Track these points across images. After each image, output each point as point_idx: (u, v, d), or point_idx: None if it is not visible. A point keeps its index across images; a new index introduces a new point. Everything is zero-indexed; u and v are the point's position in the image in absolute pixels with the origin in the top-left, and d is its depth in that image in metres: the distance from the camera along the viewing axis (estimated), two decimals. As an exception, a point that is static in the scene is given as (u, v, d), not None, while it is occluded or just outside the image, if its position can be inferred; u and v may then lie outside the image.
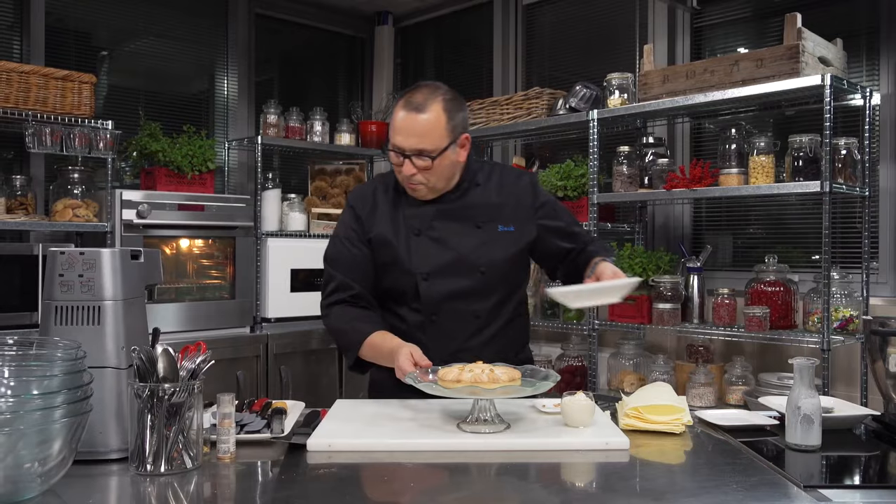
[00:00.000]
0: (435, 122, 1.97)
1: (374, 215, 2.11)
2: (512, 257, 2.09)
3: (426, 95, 1.99)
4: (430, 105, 1.97)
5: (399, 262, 2.06)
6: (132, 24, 4.13)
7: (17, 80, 3.15)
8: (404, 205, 2.10)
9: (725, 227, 3.66)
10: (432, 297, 2.04)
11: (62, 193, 3.40)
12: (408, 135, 1.97)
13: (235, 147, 4.32)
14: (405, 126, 1.97)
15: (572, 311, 3.54)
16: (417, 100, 1.98)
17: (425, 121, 1.96)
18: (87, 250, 1.57)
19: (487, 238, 2.07)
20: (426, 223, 2.07)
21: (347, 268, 2.10)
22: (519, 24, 4.42)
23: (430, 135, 1.97)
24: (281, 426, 1.66)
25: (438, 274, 2.04)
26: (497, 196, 2.12)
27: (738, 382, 3.06)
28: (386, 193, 2.14)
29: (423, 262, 2.05)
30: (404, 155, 1.98)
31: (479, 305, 2.05)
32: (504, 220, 2.11)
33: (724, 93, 2.97)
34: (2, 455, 1.24)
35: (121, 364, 1.56)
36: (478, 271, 2.05)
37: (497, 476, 1.51)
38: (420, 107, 1.97)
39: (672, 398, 1.79)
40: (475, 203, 2.10)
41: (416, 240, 2.06)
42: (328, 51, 4.99)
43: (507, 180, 2.16)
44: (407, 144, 1.97)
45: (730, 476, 1.44)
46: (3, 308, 3.04)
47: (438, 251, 2.05)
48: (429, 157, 1.97)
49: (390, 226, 2.09)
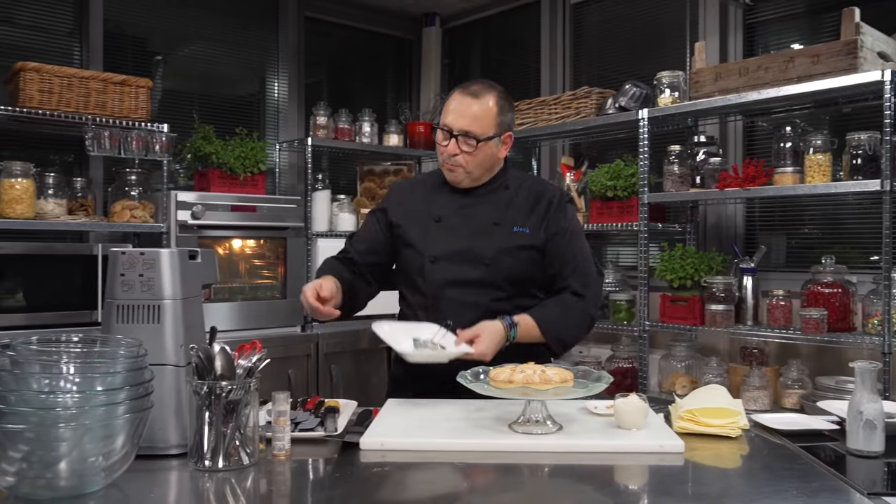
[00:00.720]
0: (487, 110, 2.09)
1: (403, 194, 2.27)
2: (519, 256, 2.12)
3: (483, 87, 2.12)
4: (485, 95, 2.10)
5: (413, 244, 2.16)
6: (186, 30, 4.22)
7: (77, 86, 3.25)
8: (437, 195, 2.21)
9: (779, 226, 3.58)
10: (435, 279, 2.11)
11: (120, 195, 3.49)
12: (459, 115, 2.08)
13: (286, 149, 4.38)
14: (459, 107, 2.09)
15: (622, 311, 3.50)
16: (474, 88, 2.11)
17: (478, 106, 2.08)
18: (147, 250, 1.61)
19: (500, 235, 2.12)
20: (448, 212, 2.17)
21: (358, 238, 2.29)
22: (567, 24, 4.40)
23: (480, 120, 2.08)
24: (334, 425, 1.68)
25: (445, 259, 2.12)
26: (523, 202, 2.17)
27: (793, 386, 3.00)
28: (424, 185, 2.28)
29: (434, 246, 2.13)
30: (452, 134, 2.08)
31: (480, 297, 2.09)
32: (521, 222, 2.15)
33: (779, 90, 2.91)
34: (68, 449, 1.28)
35: (179, 362, 1.59)
36: (482, 263, 2.10)
37: (549, 477, 1.50)
38: (476, 93, 2.10)
39: (728, 401, 1.76)
40: (499, 203, 2.17)
41: (435, 226, 2.16)
42: (376, 52, 5.03)
43: (536, 190, 2.20)
44: (457, 125, 2.08)
45: (789, 482, 1.41)
46: (64, 306, 3.14)
47: (451, 238, 2.13)
48: (475, 139, 2.07)
49: (419, 208, 2.21)
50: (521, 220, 2.15)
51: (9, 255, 3.02)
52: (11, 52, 3.58)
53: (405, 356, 1.90)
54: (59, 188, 3.29)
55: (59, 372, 1.33)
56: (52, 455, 1.28)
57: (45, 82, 3.17)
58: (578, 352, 3.91)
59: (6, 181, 3.08)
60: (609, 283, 3.62)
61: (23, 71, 3.13)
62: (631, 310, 3.50)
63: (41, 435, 1.27)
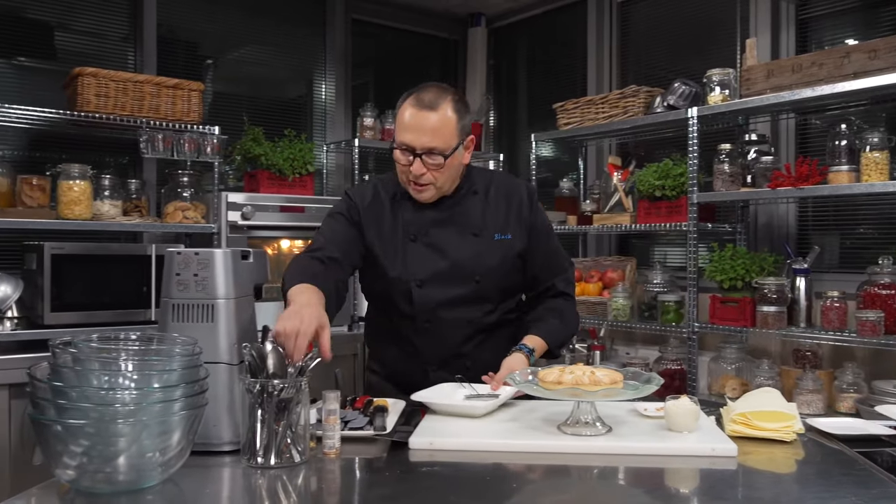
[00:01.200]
0: (446, 120, 1.94)
1: (371, 210, 2.06)
2: (506, 265, 2.08)
3: (436, 94, 1.95)
4: (441, 103, 1.94)
5: (392, 268, 2.04)
6: (235, 34, 4.29)
7: (132, 90, 3.33)
8: (401, 210, 2.08)
9: (833, 226, 3.50)
10: (426, 304, 2.03)
11: (172, 196, 3.57)
12: (419, 132, 1.92)
13: (333, 150, 4.43)
14: (416, 123, 1.93)
15: (671, 312, 3.46)
16: (428, 98, 1.94)
17: (437, 118, 1.93)
18: (202, 251, 1.64)
19: (483, 246, 2.05)
20: (423, 229, 2.05)
21: (329, 236, 2.05)
22: (614, 22, 4.36)
23: (442, 133, 1.93)
24: (383, 423, 1.69)
25: (432, 281, 2.03)
26: (495, 204, 2.10)
27: (849, 390, 2.93)
28: (386, 195, 2.10)
29: (418, 269, 2.03)
30: (414, 154, 1.94)
31: (473, 313, 2.04)
32: (500, 228, 2.08)
33: (834, 87, 2.85)
34: (126, 444, 1.32)
35: (233, 360, 1.62)
36: (473, 280, 2.04)
37: (598, 479, 1.49)
38: (431, 104, 1.93)
39: (782, 404, 1.72)
40: (472, 210, 2.08)
41: (411, 246, 2.05)
42: (422, 53, 5.05)
43: (505, 189, 2.13)
44: (418, 143, 1.93)
45: (847, 488, 1.38)
46: (119, 305, 3.22)
47: (434, 258, 2.04)
48: (441, 155, 1.94)
49: (387, 228, 2.07)
50: (501, 227, 2.08)
51: (67, 255, 3.11)
52: (69, 57, 3.69)
53: (477, 410, 1.78)
54: (115, 190, 3.37)
55: (117, 369, 1.36)
56: (112, 450, 1.31)
57: (101, 87, 3.25)
58: (626, 353, 3.87)
59: (65, 183, 3.17)
60: (657, 284, 3.58)
61: (80, 76, 3.22)
62: (679, 311, 3.45)
63: (101, 430, 1.30)
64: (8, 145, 3.54)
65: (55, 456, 1.32)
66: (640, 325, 3.56)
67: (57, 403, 1.31)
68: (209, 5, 4.16)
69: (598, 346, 3.65)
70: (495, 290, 2.08)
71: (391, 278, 2.05)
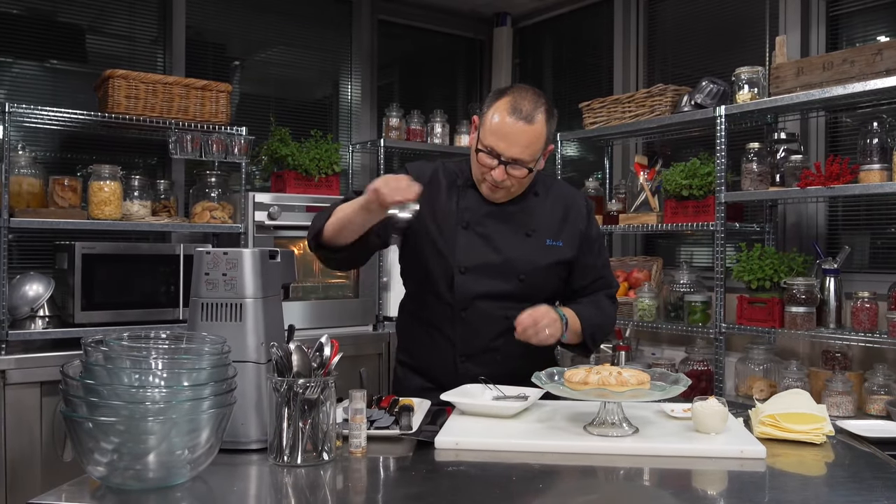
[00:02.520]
0: (540, 133, 1.94)
1: (427, 189, 1.98)
2: (553, 271, 2.09)
3: (533, 103, 1.93)
4: (537, 115, 1.93)
5: (439, 251, 2.04)
6: (262, 36, 4.33)
7: (161, 91, 3.37)
8: (459, 196, 2.08)
9: (864, 226, 3.45)
10: (466, 292, 2.02)
11: (200, 196, 3.60)
12: (512, 143, 1.92)
13: (359, 150, 4.44)
14: (511, 133, 1.91)
15: (697, 313, 3.43)
16: (526, 108, 1.92)
17: (532, 132, 1.92)
18: (230, 250, 1.65)
19: (534, 248, 2.06)
20: (477, 218, 2.05)
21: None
22: (641, 20, 4.33)
23: (533, 146, 1.94)
24: (409, 423, 1.69)
25: (477, 271, 2.02)
26: (552, 210, 2.10)
27: (879, 392, 2.88)
28: (445, 179, 2.10)
29: (465, 256, 2.03)
30: (500, 160, 1.94)
31: (511, 310, 2.02)
32: (553, 234, 2.09)
33: (866, 84, 2.80)
34: (156, 442, 1.34)
35: (260, 359, 1.63)
36: (517, 278, 2.04)
37: (625, 481, 1.48)
38: (529, 116, 1.92)
39: (811, 406, 1.70)
40: (530, 212, 2.09)
41: (463, 232, 2.04)
42: (447, 53, 5.05)
43: (565, 198, 2.14)
44: (509, 152, 1.92)
45: (880, 491, 1.36)
46: (148, 304, 3.26)
47: (483, 248, 2.03)
48: (525, 167, 1.94)
49: (440, 210, 2.05)
50: (554, 233, 2.08)
51: (98, 254, 3.15)
52: (100, 60, 3.75)
53: (508, 411, 1.79)
54: (144, 190, 3.42)
55: (148, 367, 1.38)
56: (142, 447, 1.33)
57: (131, 88, 3.29)
58: (651, 354, 3.85)
59: (95, 184, 3.22)
60: (683, 284, 3.55)
61: (111, 78, 3.26)
62: (706, 311, 3.42)
63: (131, 428, 1.32)
64: (40, 147, 3.60)
65: (86, 453, 1.34)
66: (666, 325, 3.53)
67: (88, 401, 1.33)
68: (237, 8, 4.20)
69: (624, 347, 3.63)
70: (537, 292, 2.07)
71: (436, 261, 2.05)
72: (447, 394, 1.85)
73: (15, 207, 3.10)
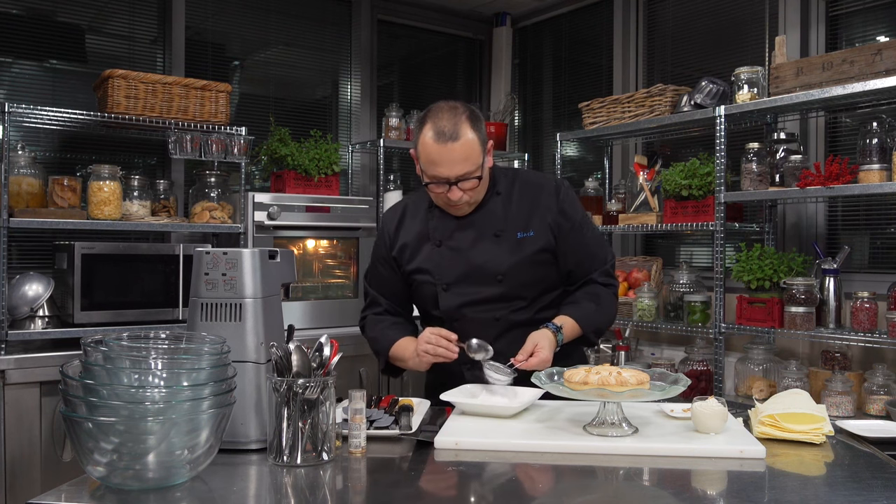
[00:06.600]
0: (472, 143, 1.97)
1: (399, 231, 2.19)
2: (532, 262, 2.09)
3: (452, 120, 1.97)
4: (461, 129, 1.96)
5: (422, 273, 2.14)
6: (262, 36, 4.32)
7: (161, 91, 3.36)
8: (430, 218, 2.16)
9: (864, 226, 3.45)
10: (451, 306, 2.10)
11: (200, 196, 3.60)
12: (450, 165, 1.96)
13: (358, 150, 4.44)
14: (445, 157, 1.95)
15: (697, 313, 3.43)
16: (448, 127, 1.95)
17: (463, 146, 1.96)
18: (230, 250, 1.65)
19: (506, 246, 2.08)
20: (447, 234, 2.12)
21: (378, 285, 2.24)
22: (640, 20, 4.33)
23: (471, 157, 1.97)
24: (409, 423, 1.69)
25: (457, 284, 2.10)
26: (517, 203, 2.12)
27: (879, 392, 2.88)
28: (416, 209, 2.20)
29: (443, 272, 2.11)
30: (448, 183, 1.99)
31: (500, 311, 2.08)
32: (523, 226, 2.09)
33: (865, 84, 2.80)
34: (156, 442, 1.34)
35: (260, 359, 1.63)
36: (495, 280, 2.07)
37: (625, 480, 1.48)
38: (454, 134, 1.95)
39: (811, 406, 1.70)
40: (494, 212, 2.11)
41: (437, 251, 2.12)
42: (447, 53, 5.05)
43: (529, 187, 2.15)
44: (451, 173, 1.97)
45: (879, 491, 1.36)
46: (148, 304, 3.26)
47: (456, 261, 2.10)
48: (474, 177, 1.99)
49: (415, 239, 2.16)
50: (523, 224, 2.10)
51: (97, 254, 3.15)
52: (100, 60, 3.75)
53: (506, 411, 1.81)
54: (144, 190, 3.41)
55: (147, 367, 1.38)
56: (141, 447, 1.33)
57: (131, 88, 3.29)
58: (651, 354, 3.85)
59: (95, 184, 3.22)
60: (683, 284, 3.55)
61: (111, 78, 3.26)
62: (706, 311, 3.42)
63: (131, 428, 1.32)
64: (40, 147, 3.60)
65: (86, 453, 1.34)
66: (665, 325, 3.53)
67: (88, 401, 1.34)
68: (236, 8, 4.20)
69: (623, 347, 3.63)
70: (524, 288, 2.09)
71: (420, 283, 2.15)
72: (447, 394, 1.86)
73: (14, 207, 3.09)
